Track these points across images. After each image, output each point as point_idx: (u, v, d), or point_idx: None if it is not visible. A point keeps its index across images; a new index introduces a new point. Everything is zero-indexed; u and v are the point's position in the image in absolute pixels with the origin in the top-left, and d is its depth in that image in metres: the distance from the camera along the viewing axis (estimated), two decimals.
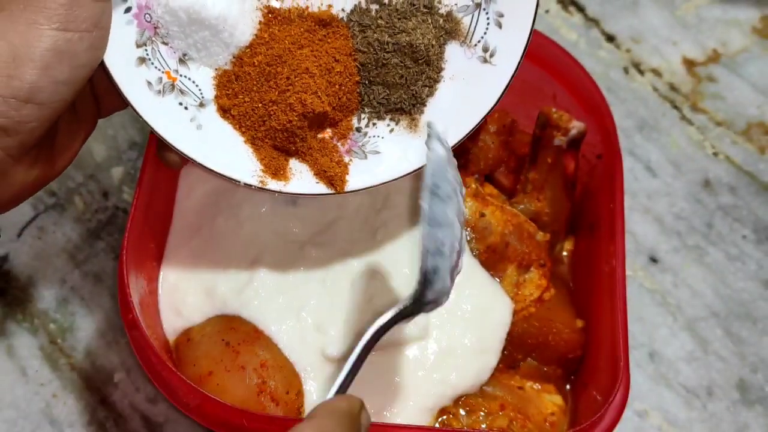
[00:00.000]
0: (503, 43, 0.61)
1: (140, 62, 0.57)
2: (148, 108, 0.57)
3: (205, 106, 0.60)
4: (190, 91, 0.59)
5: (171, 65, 0.59)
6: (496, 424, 0.65)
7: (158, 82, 0.58)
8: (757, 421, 0.76)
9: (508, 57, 0.61)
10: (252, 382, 0.63)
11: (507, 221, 0.71)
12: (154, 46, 0.58)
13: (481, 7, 0.61)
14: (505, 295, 0.69)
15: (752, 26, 0.98)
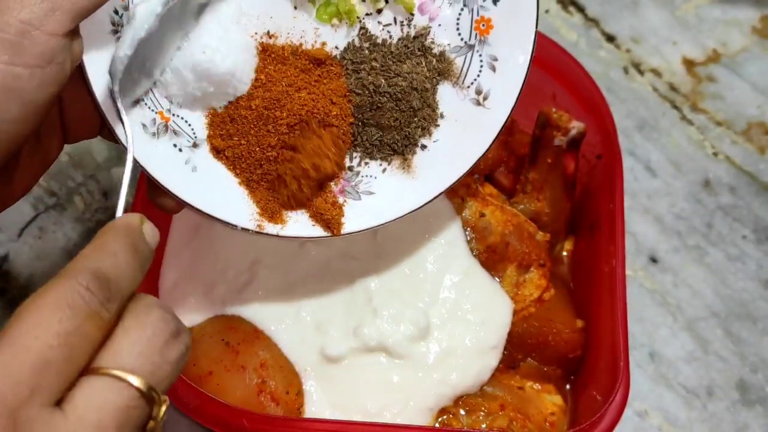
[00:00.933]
0: (497, 86, 0.61)
1: (134, 104, 0.56)
2: (143, 152, 0.56)
3: (199, 146, 0.59)
4: (183, 131, 0.58)
5: (164, 105, 0.57)
6: (496, 424, 0.65)
7: (152, 123, 0.57)
8: (757, 421, 0.76)
9: (501, 101, 0.61)
10: (252, 382, 0.63)
11: (507, 221, 0.71)
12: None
13: (474, 49, 0.61)
14: (505, 295, 0.69)
15: (752, 26, 0.98)
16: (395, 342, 0.66)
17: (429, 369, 0.66)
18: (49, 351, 0.36)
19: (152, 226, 0.45)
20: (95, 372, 0.37)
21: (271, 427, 0.59)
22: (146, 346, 0.39)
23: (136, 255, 0.42)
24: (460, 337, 0.67)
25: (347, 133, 0.61)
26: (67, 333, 0.37)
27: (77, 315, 0.37)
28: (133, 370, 0.38)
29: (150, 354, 0.39)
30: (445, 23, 0.60)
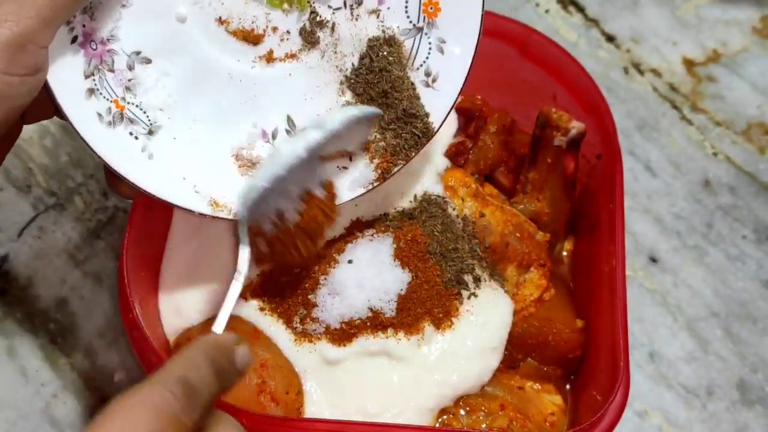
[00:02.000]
0: (445, 68, 0.62)
1: (89, 94, 0.56)
2: (100, 142, 0.57)
3: (155, 133, 0.60)
4: (138, 118, 0.59)
5: (118, 93, 0.58)
6: (496, 424, 0.65)
7: (108, 112, 0.57)
8: (757, 421, 0.76)
9: (450, 83, 0.62)
10: (252, 382, 0.63)
11: (507, 221, 0.71)
12: (101, 75, 0.57)
13: (423, 32, 0.62)
14: (505, 296, 0.69)
15: (752, 26, 0.98)
16: (395, 346, 0.66)
17: (430, 370, 0.66)
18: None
19: (246, 350, 0.48)
20: None
21: (271, 427, 0.59)
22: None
23: (218, 371, 0.45)
24: (461, 338, 0.67)
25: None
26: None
27: (163, 418, 0.40)
28: None
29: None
30: (394, 6, 0.62)
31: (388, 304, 0.66)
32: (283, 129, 0.64)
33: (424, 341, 0.66)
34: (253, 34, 0.62)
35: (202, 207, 0.61)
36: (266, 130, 0.63)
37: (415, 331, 0.66)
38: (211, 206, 0.61)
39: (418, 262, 0.67)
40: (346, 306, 0.66)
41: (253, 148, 0.63)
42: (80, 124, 0.56)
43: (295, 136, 0.60)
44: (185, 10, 0.60)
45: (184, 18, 0.60)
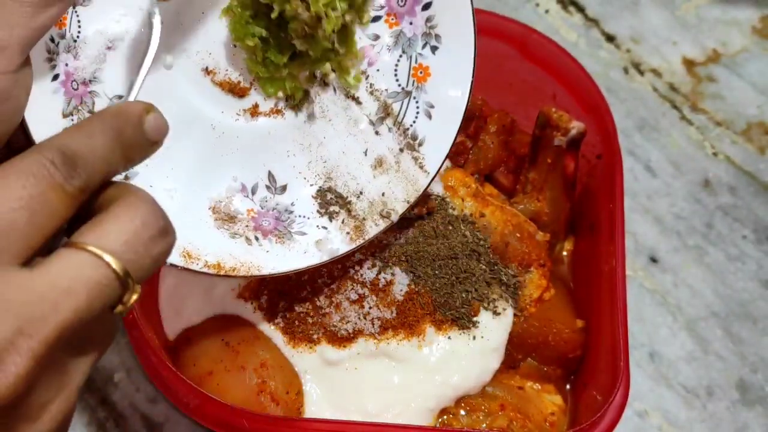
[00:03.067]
0: (432, 133, 0.62)
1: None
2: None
3: (130, 179, 0.58)
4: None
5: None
6: (496, 424, 0.65)
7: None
8: (757, 421, 0.76)
9: (435, 148, 0.61)
10: (252, 382, 0.63)
11: (507, 221, 0.71)
12: (80, 116, 0.56)
13: (411, 96, 0.62)
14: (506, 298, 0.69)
15: (752, 26, 0.98)
16: (395, 346, 0.66)
17: (430, 371, 0.66)
18: (11, 213, 0.37)
19: (158, 117, 0.44)
20: (75, 246, 0.38)
21: (271, 427, 0.59)
22: (133, 235, 0.39)
23: (119, 139, 0.42)
24: (462, 339, 0.67)
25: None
26: (29, 197, 0.37)
27: (39, 183, 0.38)
28: (114, 254, 0.38)
29: (135, 243, 0.39)
30: (384, 69, 0.61)
31: (388, 307, 0.66)
32: (263, 185, 0.62)
33: (425, 342, 0.66)
34: (239, 87, 0.61)
35: (174, 258, 0.58)
36: (246, 185, 0.62)
37: (416, 333, 0.66)
38: (183, 257, 0.59)
39: (419, 265, 0.67)
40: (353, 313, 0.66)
41: (231, 202, 0.62)
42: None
43: None
44: (171, 59, 0.59)
45: (170, 65, 0.59)
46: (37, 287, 0.36)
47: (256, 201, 0.62)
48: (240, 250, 0.61)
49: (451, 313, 0.66)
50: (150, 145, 0.44)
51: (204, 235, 0.60)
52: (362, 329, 0.65)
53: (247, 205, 0.62)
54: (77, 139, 0.40)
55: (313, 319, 0.66)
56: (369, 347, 0.65)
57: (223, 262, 0.60)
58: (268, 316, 0.67)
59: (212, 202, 0.61)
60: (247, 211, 0.62)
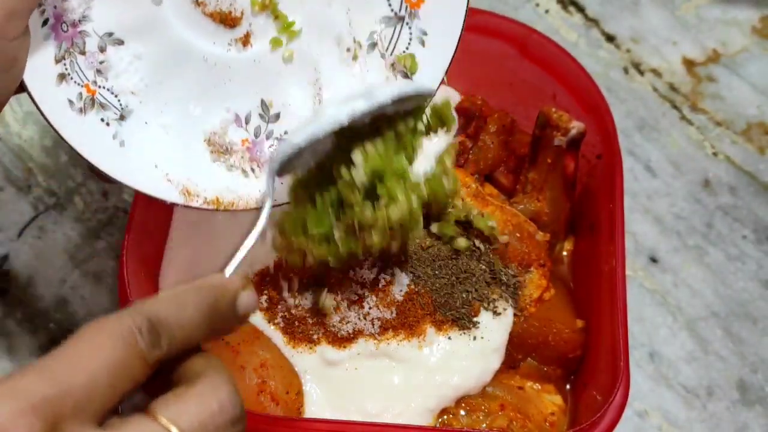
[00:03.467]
0: (425, 61, 0.61)
1: (60, 79, 0.56)
2: (71, 129, 0.56)
3: (126, 118, 0.59)
4: (109, 103, 0.58)
5: (89, 77, 0.57)
6: (496, 424, 0.65)
7: (79, 98, 0.57)
8: (757, 421, 0.76)
9: (429, 76, 0.61)
10: (252, 382, 0.63)
11: (507, 221, 0.71)
12: (72, 59, 0.56)
13: (404, 22, 0.61)
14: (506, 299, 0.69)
15: (752, 26, 0.98)
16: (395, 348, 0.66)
17: (431, 371, 0.65)
18: (98, 374, 0.38)
19: (251, 294, 0.47)
20: (152, 415, 0.39)
21: (271, 427, 0.59)
22: (208, 419, 0.40)
23: (209, 313, 0.44)
24: (463, 340, 0.67)
25: None
26: (114, 361, 0.39)
27: (126, 349, 0.39)
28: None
29: (207, 426, 0.40)
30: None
31: (388, 308, 0.66)
32: (256, 113, 0.62)
33: (425, 343, 0.66)
34: (230, 17, 0.60)
35: (174, 196, 0.59)
36: (239, 114, 0.62)
37: (417, 333, 0.66)
38: (183, 195, 0.60)
39: (419, 265, 0.67)
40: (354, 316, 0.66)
41: (226, 133, 0.62)
42: (51, 112, 0.55)
43: (340, 103, 0.57)
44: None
45: (160, 1, 0.58)
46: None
47: (250, 130, 0.62)
48: (237, 183, 0.61)
49: (451, 313, 0.66)
50: (238, 321, 0.46)
51: (201, 170, 0.61)
52: (362, 329, 0.65)
53: (241, 135, 0.62)
54: (168, 309, 0.42)
55: (312, 320, 0.66)
56: (369, 347, 0.65)
57: (222, 197, 0.61)
58: (267, 316, 0.67)
59: (207, 134, 0.62)
60: (242, 142, 0.62)
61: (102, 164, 0.57)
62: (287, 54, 0.62)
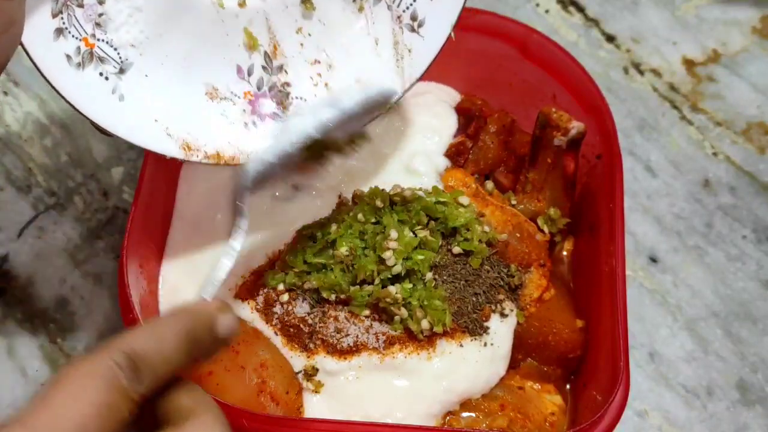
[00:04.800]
0: (432, 14, 0.60)
1: (57, 34, 0.55)
2: (70, 85, 0.55)
3: (125, 72, 0.58)
4: (108, 56, 0.57)
5: (88, 30, 0.56)
6: (496, 424, 0.65)
7: (77, 53, 0.55)
8: (757, 421, 0.76)
9: (435, 30, 0.60)
10: (252, 382, 0.63)
11: (507, 221, 0.71)
12: (70, 12, 0.55)
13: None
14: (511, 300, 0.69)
15: (752, 26, 0.98)
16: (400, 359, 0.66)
17: (437, 377, 0.65)
18: (85, 418, 0.38)
19: (231, 319, 0.46)
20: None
21: (271, 427, 0.59)
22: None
23: (188, 340, 0.43)
24: (473, 347, 0.66)
25: None
26: (100, 403, 0.38)
27: (109, 389, 0.39)
28: None
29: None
30: None
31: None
32: (259, 65, 0.62)
33: (436, 354, 0.65)
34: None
35: (174, 150, 0.59)
36: (241, 66, 0.62)
37: (427, 347, 0.65)
38: (183, 149, 0.59)
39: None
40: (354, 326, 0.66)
41: (227, 85, 0.61)
42: (48, 68, 0.54)
43: (306, 113, 0.57)
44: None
45: None
46: None
47: (252, 82, 0.62)
48: (238, 136, 0.60)
49: (463, 320, 0.66)
50: (219, 346, 0.46)
51: (202, 123, 0.60)
52: (365, 343, 0.65)
53: (244, 88, 0.62)
54: (146, 341, 0.42)
55: (307, 329, 0.65)
56: (373, 361, 0.65)
57: (222, 151, 0.60)
58: (264, 318, 0.66)
59: (208, 87, 0.61)
60: (244, 94, 0.62)
61: (101, 119, 0.56)
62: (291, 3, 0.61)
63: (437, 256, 0.66)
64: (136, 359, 0.40)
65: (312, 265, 0.65)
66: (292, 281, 0.66)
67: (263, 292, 0.67)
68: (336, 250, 0.65)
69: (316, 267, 0.65)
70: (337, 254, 0.65)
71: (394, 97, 0.61)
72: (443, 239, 0.67)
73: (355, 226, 0.66)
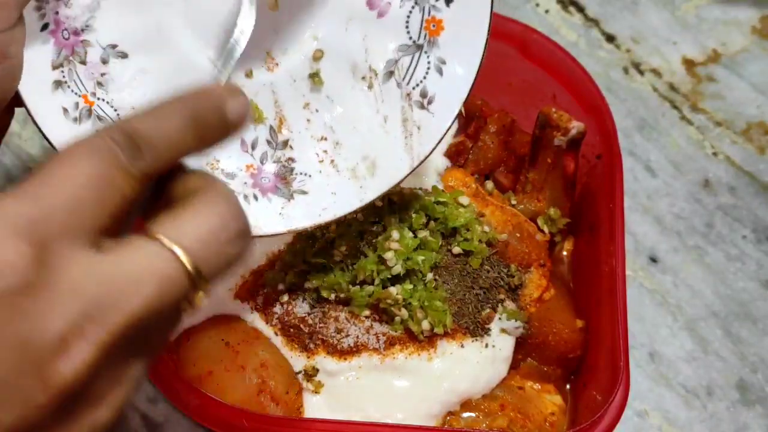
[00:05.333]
0: (443, 91, 0.59)
1: (56, 86, 0.54)
2: (64, 138, 0.53)
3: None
4: (107, 116, 0.56)
5: (88, 88, 0.55)
6: (496, 424, 0.65)
7: (75, 108, 0.54)
8: (757, 421, 0.76)
9: (446, 106, 0.59)
10: (252, 382, 0.63)
11: (507, 221, 0.71)
12: (71, 67, 0.54)
13: (422, 50, 0.59)
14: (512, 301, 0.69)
15: (752, 26, 0.98)
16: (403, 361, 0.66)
17: (438, 378, 0.65)
18: (80, 190, 0.36)
19: (242, 99, 0.43)
20: (150, 235, 0.37)
21: (271, 427, 0.59)
22: (210, 234, 0.38)
23: (195, 121, 0.40)
24: (475, 349, 0.66)
25: None
26: (97, 176, 0.37)
27: (105, 163, 0.37)
28: (187, 250, 0.37)
29: (210, 242, 0.38)
30: (394, 20, 0.58)
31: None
32: (264, 139, 0.61)
33: (436, 354, 0.65)
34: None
35: None
36: (245, 139, 0.61)
37: (428, 347, 0.65)
38: None
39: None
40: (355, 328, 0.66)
41: (230, 158, 0.60)
42: (43, 117, 0.53)
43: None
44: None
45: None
46: (107, 272, 0.35)
47: (256, 156, 0.61)
48: None
49: (464, 321, 0.66)
50: (229, 130, 0.42)
51: None
52: (365, 343, 0.65)
53: (246, 161, 0.61)
54: (146, 121, 0.39)
55: (307, 329, 0.65)
56: (373, 362, 0.65)
57: None
58: (264, 318, 0.66)
59: (209, 158, 0.59)
60: (246, 167, 0.60)
61: None
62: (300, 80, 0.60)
63: (438, 256, 0.66)
64: (136, 137, 0.38)
65: (312, 265, 0.65)
66: (292, 281, 0.66)
67: (263, 292, 0.67)
68: (335, 249, 0.65)
69: (315, 266, 0.65)
70: (337, 253, 0.65)
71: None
72: (443, 239, 0.67)
73: (354, 225, 0.66)
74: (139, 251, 0.36)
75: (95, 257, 0.35)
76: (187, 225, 0.38)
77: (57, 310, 0.33)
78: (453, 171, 0.73)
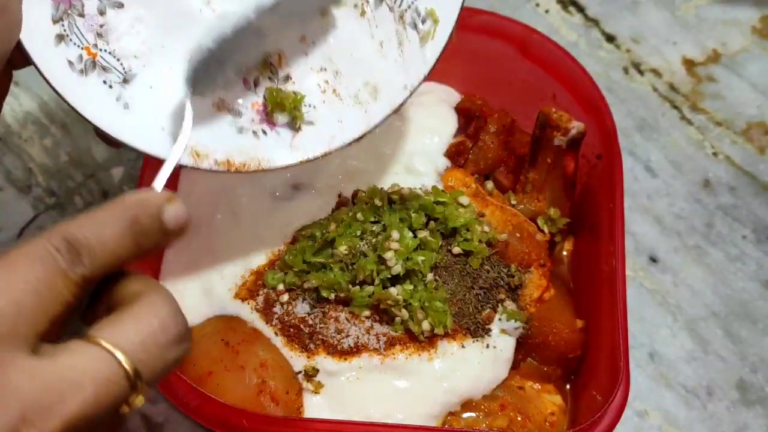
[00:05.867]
0: (435, 8, 0.60)
1: (59, 40, 0.54)
2: (73, 91, 0.54)
3: (130, 82, 0.57)
4: (111, 66, 0.56)
5: (89, 40, 0.56)
6: (496, 424, 0.65)
7: (79, 60, 0.55)
8: (757, 421, 0.76)
9: (440, 26, 0.60)
10: (252, 382, 0.63)
11: (507, 221, 0.71)
12: (70, 20, 0.54)
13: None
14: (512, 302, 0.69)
15: (752, 26, 0.98)
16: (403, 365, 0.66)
17: (438, 378, 0.65)
18: (21, 296, 0.37)
19: (178, 208, 0.43)
20: (88, 339, 0.38)
21: (271, 427, 0.59)
22: (149, 338, 0.39)
23: (132, 229, 0.41)
24: (476, 350, 0.66)
25: None
26: (37, 280, 0.37)
27: (46, 269, 0.38)
28: (127, 353, 0.38)
29: (150, 345, 0.39)
30: None
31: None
32: (265, 76, 0.61)
33: (437, 355, 0.65)
34: None
35: (183, 158, 0.57)
36: (247, 78, 0.61)
37: (429, 348, 0.65)
38: (192, 157, 0.58)
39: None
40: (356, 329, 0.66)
41: (235, 97, 0.61)
42: (50, 72, 0.53)
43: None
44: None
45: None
46: (45, 376, 0.36)
47: (260, 93, 0.62)
48: (249, 144, 0.60)
49: (464, 321, 0.66)
50: (166, 236, 0.44)
51: (210, 132, 0.59)
52: (366, 344, 0.65)
53: (251, 98, 0.61)
54: (86, 227, 0.40)
55: (308, 329, 0.65)
56: (373, 362, 0.65)
57: (233, 158, 0.59)
58: (264, 318, 0.66)
59: (215, 98, 0.60)
60: (252, 105, 0.61)
61: (107, 127, 0.55)
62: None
63: (438, 256, 0.66)
64: (75, 244, 0.39)
65: (312, 265, 0.65)
66: (292, 281, 0.66)
67: (263, 292, 0.67)
68: (335, 249, 0.65)
69: (315, 266, 0.65)
70: (337, 253, 0.65)
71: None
72: (443, 239, 0.67)
73: (355, 225, 0.66)
74: (79, 355, 0.37)
75: (35, 362, 0.36)
76: (128, 329, 0.39)
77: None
78: (453, 171, 0.73)
